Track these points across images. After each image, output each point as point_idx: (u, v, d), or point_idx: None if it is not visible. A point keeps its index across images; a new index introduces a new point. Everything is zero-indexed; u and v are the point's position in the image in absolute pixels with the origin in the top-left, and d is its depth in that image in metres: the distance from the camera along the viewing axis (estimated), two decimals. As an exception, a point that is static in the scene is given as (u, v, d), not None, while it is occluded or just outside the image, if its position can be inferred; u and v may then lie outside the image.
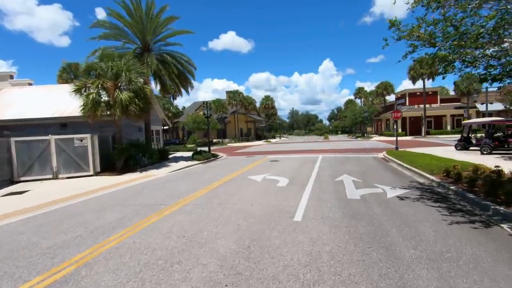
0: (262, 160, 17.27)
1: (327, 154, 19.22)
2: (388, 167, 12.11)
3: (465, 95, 37.78)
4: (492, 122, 13.92)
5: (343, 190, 7.77)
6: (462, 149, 16.47)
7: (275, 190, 8.21)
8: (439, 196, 6.91)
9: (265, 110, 66.23)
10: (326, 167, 12.69)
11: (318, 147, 27.46)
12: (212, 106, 44.65)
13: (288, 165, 14.09)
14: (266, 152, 23.98)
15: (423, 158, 12.37)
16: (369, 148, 23.51)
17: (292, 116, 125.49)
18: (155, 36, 17.75)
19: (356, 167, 12.33)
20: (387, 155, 15.66)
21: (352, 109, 53.85)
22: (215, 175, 11.73)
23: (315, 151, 22.50)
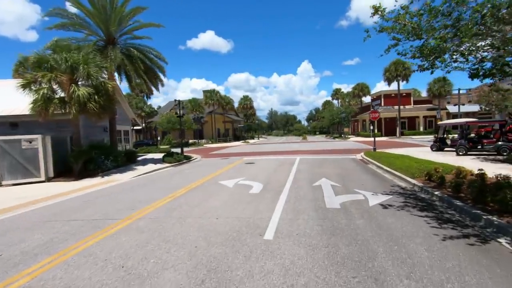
0: (238, 162, 16.35)
1: (305, 155, 18.64)
2: (367, 170, 11.62)
3: (437, 97, 39.00)
4: (467, 123, 13.92)
5: (321, 198, 7.02)
6: (438, 150, 16.47)
7: (247, 198, 7.32)
8: (424, 203, 6.33)
9: (244, 110, 65.34)
10: (304, 170, 12.00)
11: (296, 148, 26.96)
12: (188, 105, 43.21)
13: (264, 167, 13.27)
14: (243, 153, 23.08)
15: (401, 160, 12.00)
16: (347, 149, 23.28)
17: (271, 116, 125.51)
18: (120, 28, 16.31)
19: (335, 169, 11.74)
20: (366, 156, 15.28)
21: (329, 109, 54.26)
22: (183, 181, 10.66)
23: (293, 152, 21.90)
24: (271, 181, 9.63)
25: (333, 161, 14.91)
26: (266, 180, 9.73)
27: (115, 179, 11.87)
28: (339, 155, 17.85)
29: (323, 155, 18.54)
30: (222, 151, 27.43)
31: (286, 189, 8.22)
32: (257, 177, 10.42)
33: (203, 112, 44.41)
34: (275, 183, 9.25)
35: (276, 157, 18.39)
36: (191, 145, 38.74)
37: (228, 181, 9.94)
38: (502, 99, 10.15)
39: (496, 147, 12.89)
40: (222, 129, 50.67)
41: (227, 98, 47.70)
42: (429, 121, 43.16)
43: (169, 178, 11.65)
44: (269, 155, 19.81)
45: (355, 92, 50.05)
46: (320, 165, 13.40)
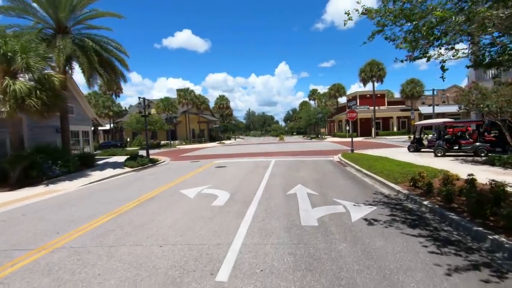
0: (208, 165, 15.01)
1: (281, 157, 17.65)
2: (346, 173, 10.75)
3: (409, 98, 39.79)
4: (444, 123, 13.56)
5: (296, 211, 5.93)
6: (415, 150, 16.10)
7: (207, 213, 6.07)
8: (413, 216, 5.42)
9: (220, 110, 63.74)
10: (278, 174, 10.92)
11: (272, 149, 25.99)
12: (160, 105, 41.05)
13: (235, 172, 12.05)
14: (216, 155, 21.72)
15: (381, 163, 11.27)
16: (324, 150, 22.62)
17: (248, 117, 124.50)
18: (73, 16, 14.42)
19: (312, 173, 10.77)
20: (344, 158, 14.52)
21: (306, 110, 54.08)
22: (139, 190, 9.19)
23: (268, 153, 20.87)
24: (241, 189, 8.44)
25: (309, 163, 14.00)
26: (235, 188, 8.53)
27: (59, 189, 10.14)
28: (316, 157, 17.03)
29: (299, 156, 17.64)
30: (195, 153, 25.88)
31: (256, 199, 7.06)
32: (225, 184, 9.19)
33: (176, 112, 42.36)
34: (244, 191, 8.08)
35: (250, 159, 17.23)
36: (163, 147, 36.70)
37: (191, 189, 8.62)
38: (483, 98, 9.63)
39: (473, 148, 12.57)
40: (197, 130, 48.83)
41: (202, 97, 45.95)
42: (402, 121, 44.02)
43: (124, 186, 10.11)
44: (243, 157, 18.62)
45: (331, 93, 50.19)
46: (296, 168, 12.41)
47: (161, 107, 40.52)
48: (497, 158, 9.91)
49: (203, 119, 49.18)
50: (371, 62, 36.55)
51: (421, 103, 34.75)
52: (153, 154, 26.09)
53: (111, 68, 14.91)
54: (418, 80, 39.16)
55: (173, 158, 21.45)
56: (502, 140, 13.13)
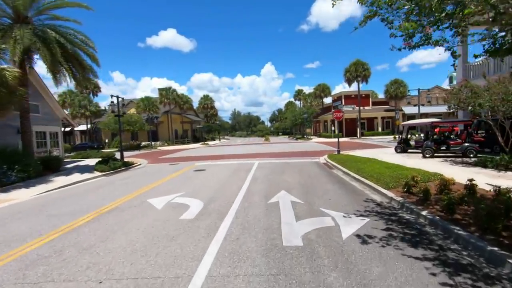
0: (187, 168, 13.96)
1: (265, 159, 16.82)
2: (334, 177, 10.02)
3: (393, 98, 39.99)
4: (432, 123, 13.14)
5: (277, 225, 5.08)
6: (402, 151, 15.66)
7: (172, 229, 5.11)
8: (412, 230, 4.68)
9: (204, 111, 62.39)
10: (261, 178, 10.06)
11: (257, 150, 25.14)
12: (140, 104, 39.40)
13: (214, 176, 11.10)
14: (197, 157, 20.64)
15: (370, 165, 10.62)
16: (309, 150, 21.98)
17: (234, 117, 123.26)
18: (36, 5, 13.03)
19: (297, 177, 9.97)
20: (330, 160, 13.84)
21: (292, 110, 53.64)
22: (103, 198, 8.09)
23: (252, 155, 19.99)
24: (217, 196, 7.51)
25: (294, 166, 13.23)
26: (210, 196, 7.59)
27: (11, 198, 8.86)
28: (301, 159, 16.30)
29: (284, 158, 16.87)
30: (175, 154, 24.65)
31: (233, 209, 6.16)
32: (201, 191, 8.23)
33: (158, 112, 40.79)
34: (221, 199, 7.15)
35: (233, 161, 16.29)
36: (144, 148, 35.15)
37: (160, 198, 7.61)
38: (475, 96, 9.13)
39: (462, 149, 12.16)
40: (180, 130, 47.34)
41: (185, 97, 44.51)
42: (387, 122, 44.28)
43: (86, 194, 8.95)
44: (225, 159, 17.65)
45: (316, 93, 49.93)
46: (281, 171, 11.59)
47: (142, 106, 38.88)
48: (489, 159, 9.44)
49: (186, 119, 47.74)
50: (356, 62, 36.41)
51: (406, 103, 34.85)
52: (131, 156, 24.72)
53: (78, 62, 13.57)
54: (402, 81, 39.44)
55: (151, 160, 20.21)
56: (490, 140, 12.84)
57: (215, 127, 55.54)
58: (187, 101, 44.35)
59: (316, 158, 16.28)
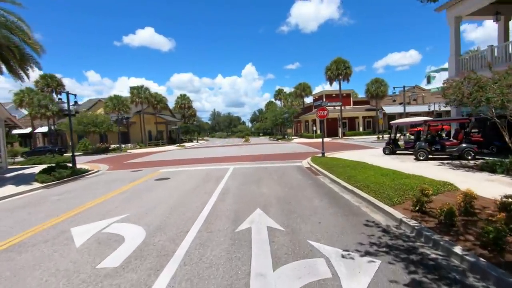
0: (148, 177, 11.85)
1: (242, 163, 14.97)
2: (320, 186, 8.34)
3: (374, 98, 39.44)
4: (426, 121, 11.86)
5: (244, 280, 3.25)
6: (391, 153, 14.36)
7: (73, 294, 3.14)
8: (450, 281, 3.01)
9: (181, 111, 59.60)
10: (233, 190, 8.21)
11: (234, 152, 23.24)
12: (109, 104, 36.35)
13: (177, 188, 9.11)
14: (167, 162, 18.45)
15: (362, 171, 9.06)
16: (291, 152, 20.38)
17: (214, 117, 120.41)
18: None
19: (276, 188, 8.21)
20: (314, 164, 12.22)
21: (272, 110, 52.14)
22: (11, 226, 5.92)
23: (228, 158, 18.09)
24: (169, 221, 5.57)
25: (274, 171, 11.48)
26: (160, 220, 5.64)
27: None
28: (282, 162, 14.60)
29: (263, 162, 15.10)
30: (145, 158, 22.25)
31: (183, 247, 4.27)
32: (151, 212, 6.26)
33: (128, 112, 37.86)
34: (172, 226, 5.23)
35: (205, 167, 14.31)
36: (112, 151, 32.23)
37: (91, 225, 5.57)
38: (481, 90, 7.77)
39: (460, 150, 10.92)
40: (154, 132, 44.50)
41: (158, 96, 41.70)
42: (368, 121, 43.79)
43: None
44: (197, 164, 15.63)
45: (297, 92, 48.68)
46: (258, 179, 9.79)
47: (110, 106, 35.82)
48: (498, 163, 8.13)
49: (161, 119, 44.94)
50: (337, 60, 35.39)
51: (391, 101, 34.30)
52: (93, 161, 22.08)
53: (8, 51, 11.07)
54: (382, 80, 38.93)
55: (114, 166, 17.80)
56: (487, 140, 11.72)
57: (193, 128, 52.94)
58: (161, 100, 41.56)
59: (298, 161, 14.64)
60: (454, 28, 12.61)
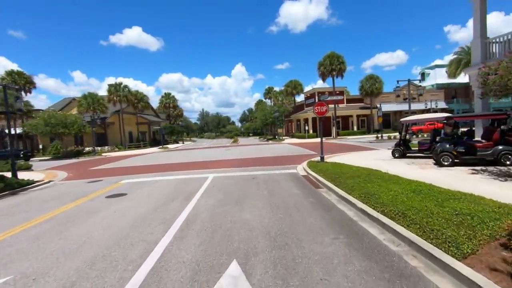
0: (101, 191, 9.22)
1: (225, 170, 12.48)
2: (329, 210, 5.93)
3: (369, 95, 37.52)
4: (450, 118, 9.61)
5: None
6: (401, 156, 12.13)
7: None
8: None
9: (166, 110, 56.51)
10: (202, 218, 5.70)
11: (219, 155, 20.70)
12: (82, 102, 33.19)
13: (126, 212, 6.54)
14: (137, 168, 15.79)
15: (381, 184, 6.72)
16: (283, 155, 18.00)
17: (202, 117, 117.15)
18: None
19: (266, 214, 5.75)
20: (313, 171, 9.83)
21: (262, 108, 49.69)
22: None
23: (210, 164, 15.56)
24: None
25: (264, 183, 9.04)
26: None
27: None
28: (273, 169, 12.17)
29: (250, 168, 12.64)
30: (115, 163, 19.44)
31: None
32: (41, 279, 3.70)
33: (105, 111, 34.74)
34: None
35: (179, 176, 11.73)
36: (85, 155, 29.13)
37: None
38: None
39: (495, 153, 8.73)
40: (135, 132, 41.41)
41: (139, 94, 38.62)
42: (362, 120, 41.92)
43: None
44: (171, 172, 13.03)
45: (288, 90, 46.36)
46: (241, 197, 7.32)
47: (84, 105, 32.65)
48: None
49: (143, 119, 41.87)
50: (330, 55, 33.24)
51: (395, 97, 32.39)
52: (57, 167, 19.16)
53: None
54: (377, 77, 37.07)
55: (75, 173, 15.03)
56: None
57: (178, 129, 49.96)
58: (141, 99, 38.49)
59: (292, 167, 12.25)
60: (480, 3, 10.46)
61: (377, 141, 24.04)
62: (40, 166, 20.41)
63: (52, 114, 27.77)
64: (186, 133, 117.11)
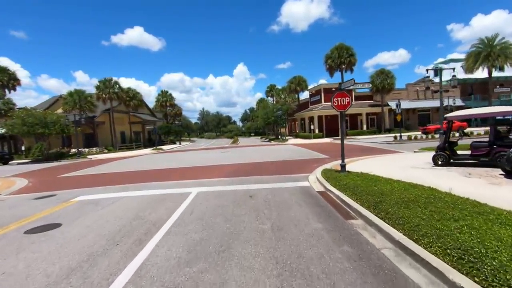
0: (35, 217, 6.45)
1: (216, 182, 9.66)
2: (377, 267, 3.10)
3: (380, 92, 34.47)
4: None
5: None
6: (446, 163, 9.26)
7: None
8: None
9: (163, 109, 53.77)
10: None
11: (215, 159, 17.89)
12: (68, 100, 30.51)
13: (30, 272, 3.71)
14: (111, 176, 13.03)
15: (462, 218, 3.85)
16: (288, 159, 15.18)
17: (202, 117, 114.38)
18: None
19: (267, 287, 2.91)
20: (336, 188, 6.97)
21: (264, 106, 46.80)
22: None
23: (200, 171, 12.77)
24: None
25: (265, 206, 6.22)
26: None
27: None
28: (278, 180, 9.32)
29: (249, 180, 9.81)
30: (92, 169, 16.70)
31: None
32: None
33: (93, 110, 32.03)
34: None
35: (151, 191, 8.90)
36: (69, 157, 26.41)
37: None
38: None
39: None
40: (129, 133, 38.68)
41: (131, 91, 35.81)
42: (371, 118, 38.94)
43: None
44: (144, 185, 10.23)
45: (291, 87, 43.39)
46: (226, 242, 4.50)
47: (70, 103, 29.93)
48: None
49: (136, 119, 39.13)
50: (339, 47, 30.28)
51: (425, 88, 29.35)
52: (25, 173, 16.39)
53: None
54: (389, 71, 34.05)
55: (35, 182, 12.33)
56: None
57: (175, 128, 47.15)
58: (134, 96, 35.70)
59: (302, 178, 9.41)
60: None
61: (396, 142, 21.07)
62: (9, 171, 17.74)
63: (31, 112, 25.08)
64: (188, 133, 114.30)
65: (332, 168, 10.22)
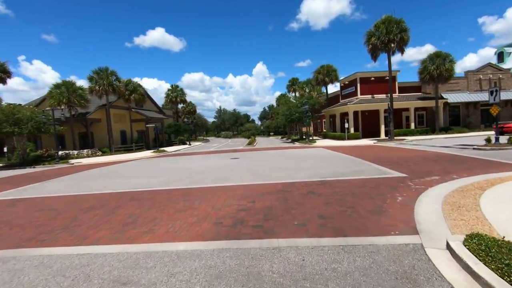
0: None
1: (204, 234, 3.71)
2: None
3: (434, 81, 27.08)
4: None
5: None
6: None
7: None
8: None
9: (173, 106, 48.85)
10: None
11: (219, 170, 12.02)
12: (54, 95, 25.87)
13: None
14: (45, 201, 7.41)
15: None
16: (335, 179, 8.94)
17: (219, 115, 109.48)
18: None
19: None
20: None
21: (286, 101, 40.46)
22: None
23: (174, 205, 6.89)
24: None
25: None
26: None
27: None
28: (341, 251, 3.22)
29: (269, 245, 3.77)
30: (48, 183, 11.35)
31: None
32: None
33: (85, 105, 27.31)
34: None
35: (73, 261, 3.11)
36: (45, 162, 21.58)
37: None
38: None
39: None
40: (129, 132, 33.78)
41: (132, 83, 30.84)
42: (419, 115, 31.62)
43: None
44: (76, 238, 4.47)
45: (318, 78, 36.65)
46: None
47: (56, 96, 25.28)
48: None
49: (138, 116, 34.15)
50: (386, 19, 23.32)
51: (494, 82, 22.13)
52: None
53: None
54: (448, 54, 26.65)
55: None
56: None
57: (184, 127, 41.94)
58: (134, 90, 30.66)
59: (409, 252, 3.23)
60: None
61: (492, 148, 13.96)
62: None
63: (18, 109, 20.56)
64: (205, 132, 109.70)
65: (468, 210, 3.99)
